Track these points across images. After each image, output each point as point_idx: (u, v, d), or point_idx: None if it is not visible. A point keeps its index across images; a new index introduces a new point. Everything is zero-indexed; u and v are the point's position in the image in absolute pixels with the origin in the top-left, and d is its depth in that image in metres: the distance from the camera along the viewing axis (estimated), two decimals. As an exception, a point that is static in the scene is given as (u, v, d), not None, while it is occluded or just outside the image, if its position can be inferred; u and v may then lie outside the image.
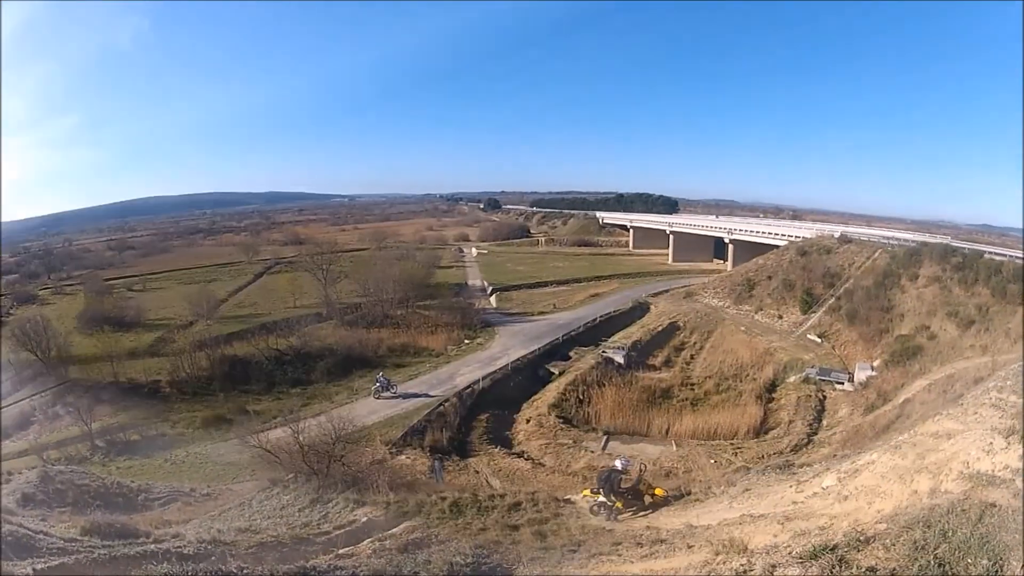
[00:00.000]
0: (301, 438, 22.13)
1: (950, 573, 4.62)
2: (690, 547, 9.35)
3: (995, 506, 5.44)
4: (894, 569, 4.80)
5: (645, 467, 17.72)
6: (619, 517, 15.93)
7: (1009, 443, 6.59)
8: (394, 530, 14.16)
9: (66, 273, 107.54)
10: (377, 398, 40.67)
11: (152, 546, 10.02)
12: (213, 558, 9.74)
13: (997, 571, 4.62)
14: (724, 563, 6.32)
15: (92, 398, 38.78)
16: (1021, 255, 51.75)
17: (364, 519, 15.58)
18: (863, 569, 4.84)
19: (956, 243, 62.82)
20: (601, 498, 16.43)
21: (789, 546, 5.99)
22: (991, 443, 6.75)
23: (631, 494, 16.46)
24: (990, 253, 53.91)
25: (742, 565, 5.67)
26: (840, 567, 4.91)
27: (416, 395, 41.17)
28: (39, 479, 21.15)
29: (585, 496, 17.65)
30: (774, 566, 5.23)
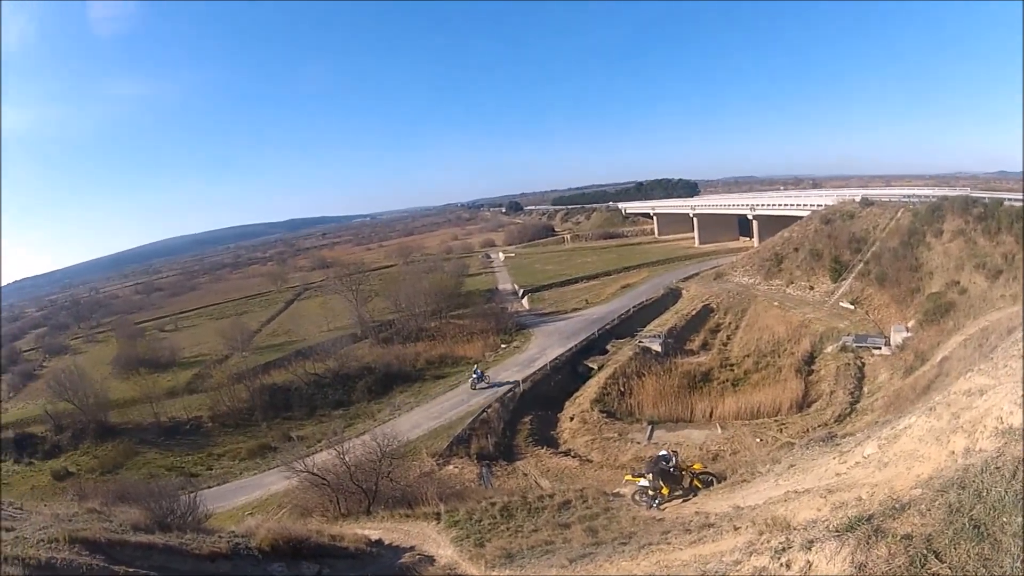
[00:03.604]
0: (347, 458, 22.07)
1: (985, 534, 4.65)
2: (736, 529, 9.39)
3: (1029, 461, 5.37)
4: (930, 534, 4.86)
5: (676, 451, 18.04)
6: (663, 506, 16.15)
7: (1041, 394, 6.48)
8: None
9: (96, 321, 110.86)
10: (474, 388, 43.74)
11: None
12: None
13: None
14: (767, 542, 6.39)
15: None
16: None
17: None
18: (899, 537, 4.90)
19: (976, 193, 60.46)
20: (643, 482, 16.81)
21: (827, 520, 6.07)
22: (1023, 396, 6.69)
23: (673, 479, 16.76)
24: (1009, 200, 51.63)
25: (781, 543, 5.75)
26: (876, 536, 4.98)
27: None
28: None
29: (628, 480, 18.16)
30: (812, 541, 5.31)
